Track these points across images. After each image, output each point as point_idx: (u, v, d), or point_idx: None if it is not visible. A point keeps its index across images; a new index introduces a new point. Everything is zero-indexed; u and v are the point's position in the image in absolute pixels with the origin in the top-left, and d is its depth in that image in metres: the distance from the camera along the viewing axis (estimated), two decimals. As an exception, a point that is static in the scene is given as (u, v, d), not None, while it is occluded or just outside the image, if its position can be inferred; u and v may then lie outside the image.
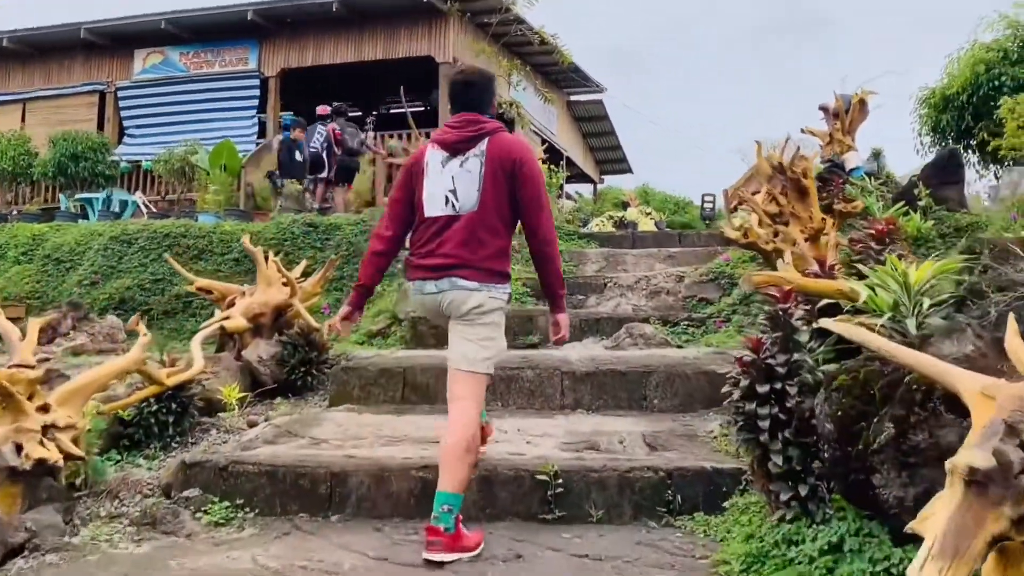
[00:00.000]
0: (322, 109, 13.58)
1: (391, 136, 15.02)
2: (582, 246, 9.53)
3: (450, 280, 3.56)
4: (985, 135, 10.56)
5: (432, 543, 3.33)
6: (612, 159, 23.65)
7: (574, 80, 18.65)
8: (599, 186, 22.93)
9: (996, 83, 10.34)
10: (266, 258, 6.28)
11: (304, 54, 16.35)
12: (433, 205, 3.62)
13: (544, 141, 17.06)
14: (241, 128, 16.52)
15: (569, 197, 18.51)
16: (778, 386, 3.26)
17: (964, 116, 10.76)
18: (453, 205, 3.58)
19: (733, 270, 6.95)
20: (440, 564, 3.29)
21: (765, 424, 3.23)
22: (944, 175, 8.17)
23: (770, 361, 3.29)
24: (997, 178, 11.37)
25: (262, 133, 16.64)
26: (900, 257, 5.21)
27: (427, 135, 14.88)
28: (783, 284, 3.80)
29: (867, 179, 9.10)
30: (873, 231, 4.30)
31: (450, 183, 3.60)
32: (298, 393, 6.05)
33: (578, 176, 21.64)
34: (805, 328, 3.38)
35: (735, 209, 13.38)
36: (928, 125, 11.32)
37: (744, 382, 3.32)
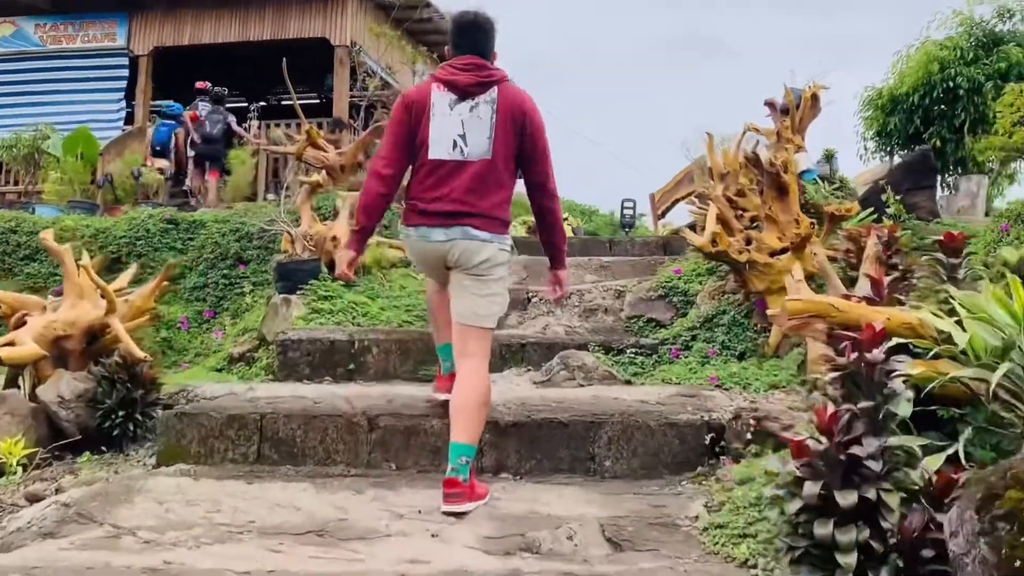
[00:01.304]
0: (202, 84, 12.14)
1: (277, 125, 13.30)
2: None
3: (462, 229, 3.45)
4: (937, 141, 9.64)
5: (451, 495, 3.32)
6: (521, 162, 22.34)
7: (484, 75, 17.25)
8: (508, 191, 21.57)
9: (950, 84, 9.41)
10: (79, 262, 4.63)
11: (181, 31, 14.46)
12: (439, 148, 3.49)
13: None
14: (106, 113, 14.54)
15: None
16: (870, 494, 1.91)
17: (913, 120, 9.81)
18: (461, 150, 3.47)
19: (687, 285, 5.64)
20: (461, 514, 3.28)
21: (850, 560, 1.87)
22: (916, 179, 7.14)
23: (855, 451, 1.94)
24: (943, 187, 10.51)
25: (130, 119, 14.68)
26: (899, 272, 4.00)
27: (320, 126, 13.31)
28: (829, 314, 2.47)
29: (819, 183, 7.98)
30: (943, 239, 3.03)
31: (459, 127, 3.47)
32: (116, 446, 4.41)
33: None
34: (908, 395, 2.04)
35: (663, 215, 12.25)
36: (874, 128, 10.34)
37: (810, 487, 1.95)
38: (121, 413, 4.37)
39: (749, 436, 3.57)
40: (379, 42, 13.91)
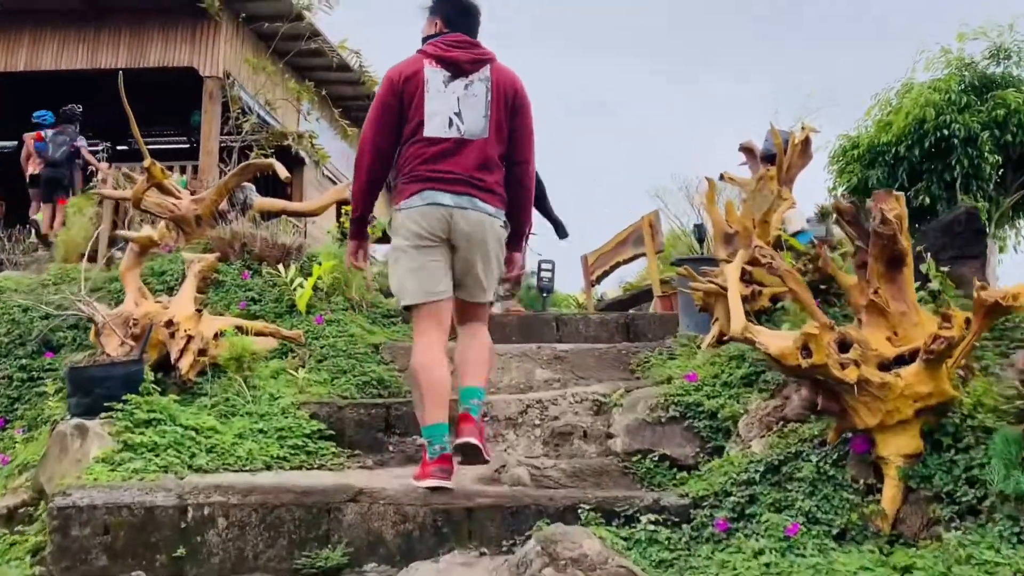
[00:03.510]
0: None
1: (131, 169, 11.01)
2: (407, 334, 5.88)
3: (470, 199, 3.42)
4: (926, 198, 8.23)
5: (468, 429, 3.28)
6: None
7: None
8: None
9: (943, 133, 8.04)
10: None
11: (15, 56, 12.17)
12: (435, 125, 3.42)
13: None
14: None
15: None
16: None
17: (897, 173, 8.38)
18: (458, 128, 3.43)
19: (714, 401, 3.75)
20: (478, 450, 3.26)
21: None
22: (960, 245, 5.50)
23: None
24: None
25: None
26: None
27: (184, 169, 11.15)
28: None
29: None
30: None
31: (455, 105, 3.44)
32: None
33: (386, 237, 18.07)
34: None
35: (598, 281, 10.50)
36: (850, 183, 8.87)
37: None
38: None
39: None
40: (257, 75, 11.94)
